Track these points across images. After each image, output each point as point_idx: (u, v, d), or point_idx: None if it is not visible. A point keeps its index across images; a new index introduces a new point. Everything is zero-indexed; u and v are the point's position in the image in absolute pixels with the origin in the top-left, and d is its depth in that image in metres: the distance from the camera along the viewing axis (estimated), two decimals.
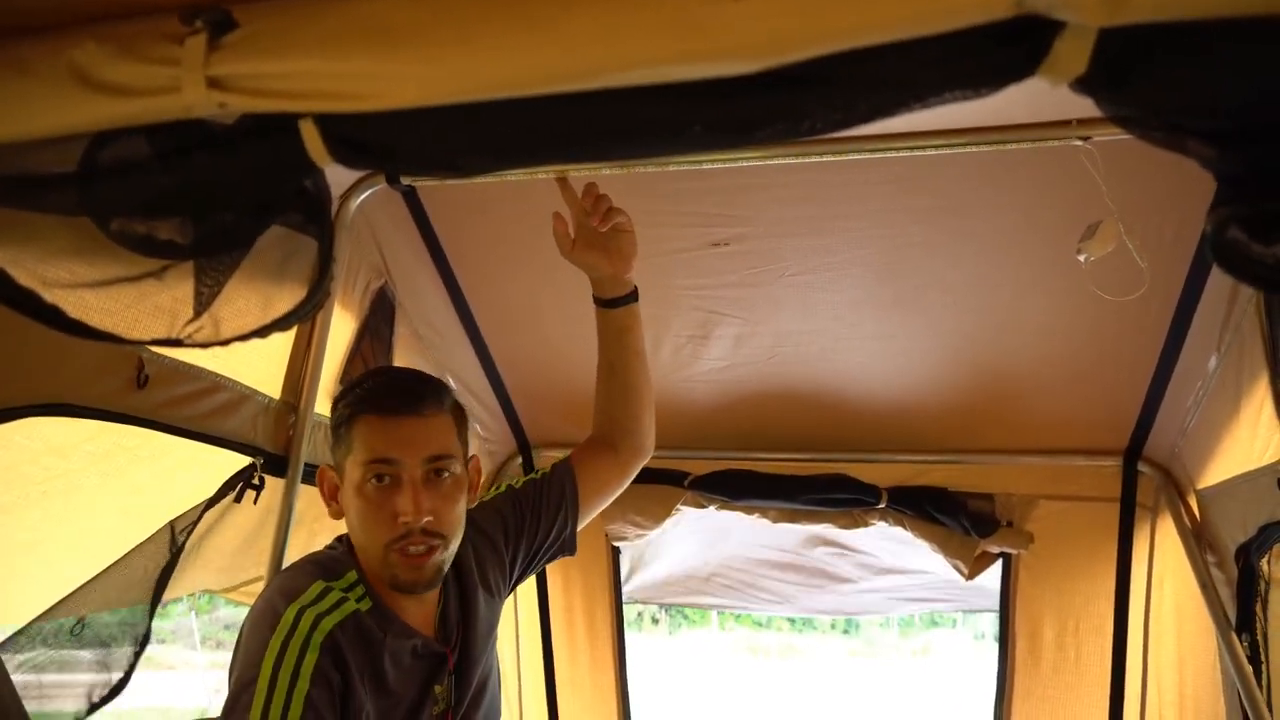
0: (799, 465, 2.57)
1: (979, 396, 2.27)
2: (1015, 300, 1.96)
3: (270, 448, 1.66)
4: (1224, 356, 1.81)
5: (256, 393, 1.63)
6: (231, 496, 1.57)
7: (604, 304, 1.56)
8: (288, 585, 1.27)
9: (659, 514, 2.63)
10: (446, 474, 1.29)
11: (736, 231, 1.88)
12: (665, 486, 2.64)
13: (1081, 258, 1.53)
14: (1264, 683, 1.83)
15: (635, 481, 2.74)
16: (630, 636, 2.95)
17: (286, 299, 0.73)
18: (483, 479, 1.55)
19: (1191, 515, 2.18)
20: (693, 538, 2.93)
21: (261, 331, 0.72)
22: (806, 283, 1.98)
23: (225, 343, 0.73)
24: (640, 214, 1.88)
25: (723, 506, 2.61)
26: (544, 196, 1.90)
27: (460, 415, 1.36)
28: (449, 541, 1.30)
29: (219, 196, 0.68)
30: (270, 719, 1.12)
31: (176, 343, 0.77)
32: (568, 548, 1.57)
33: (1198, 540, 2.10)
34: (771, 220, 1.84)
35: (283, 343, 1.72)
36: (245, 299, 0.74)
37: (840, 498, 2.50)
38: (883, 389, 2.30)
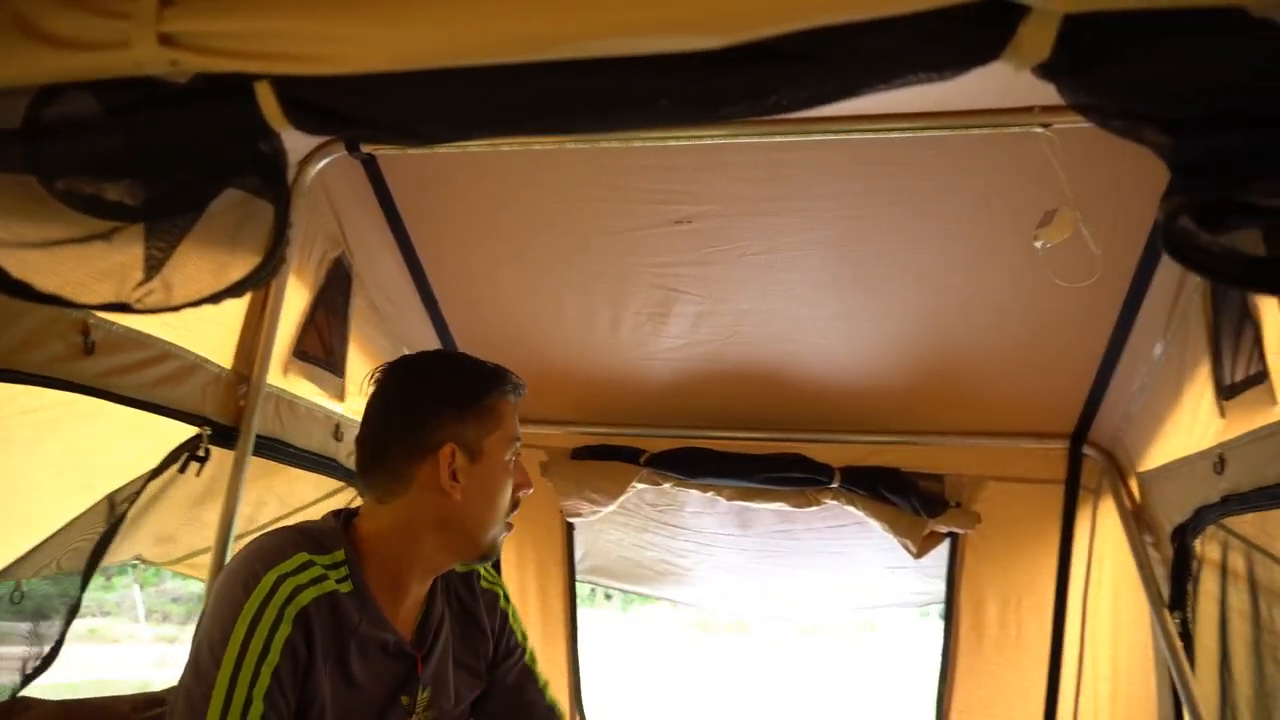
0: (755, 444, 2.59)
1: (933, 379, 2.31)
2: (971, 284, 1.99)
3: (219, 418, 1.62)
4: (1169, 344, 1.87)
5: (207, 362, 1.59)
6: (176, 467, 1.54)
7: None
8: (270, 550, 1.24)
9: (614, 491, 2.64)
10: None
11: (698, 210, 1.88)
12: (621, 464, 2.65)
13: (1038, 244, 1.56)
14: (1193, 658, 1.91)
15: (592, 458, 2.76)
16: (582, 612, 2.96)
17: (241, 265, 0.72)
18: None
19: (1132, 497, 2.25)
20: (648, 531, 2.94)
21: (215, 298, 0.71)
22: (767, 262, 1.99)
23: (177, 308, 0.71)
24: (603, 190, 1.88)
25: (678, 484, 2.63)
26: (506, 169, 1.88)
27: None
28: None
29: (170, 158, 0.66)
30: (237, 690, 1.11)
31: (126, 307, 0.74)
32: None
33: (1137, 521, 2.17)
34: (733, 199, 1.84)
35: (235, 311, 1.68)
36: (198, 264, 0.72)
37: (794, 477, 2.53)
38: (839, 370, 2.32)
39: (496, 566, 1.63)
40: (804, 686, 10.37)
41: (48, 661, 1.47)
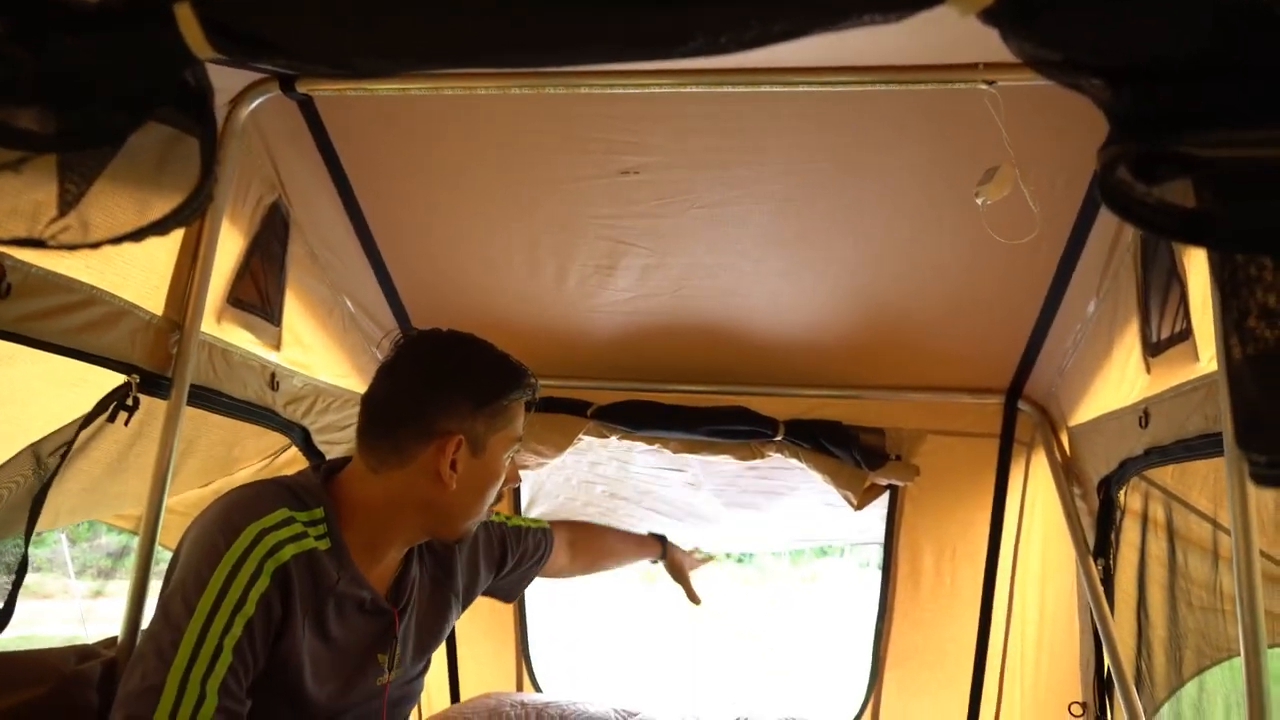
0: (700, 397, 2.61)
1: (875, 334, 2.34)
2: (913, 241, 2.01)
3: (149, 366, 1.56)
4: (1102, 302, 1.92)
5: (136, 308, 1.53)
6: (105, 416, 1.49)
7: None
8: (250, 503, 1.22)
9: (561, 443, 2.64)
10: None
11: (645, 160, 1.85)
12: (568, 416, 2.65)
13: (979, 200, 1.58)
14: (1113, 602, 2.00)
15: (538, 410, 2.74)
16: None
17: (164, 203, 0.68)
18: None
19: (1063, 450, 2.32)
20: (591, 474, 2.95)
21: (137, 235, 0.67)
22: (714, 216, 1.98)
23: (95, 245, 0.68)
24: (548, 138, 1.84)
25: (624, 436, 2.64)
26: (449, 116, 1.83)
27: None
28: None
29: (84, 87, 0.62)
30: (208, 638, 1.10)
31: (39, 243, 0.71)
32: (511, 597, 1.84)
33: (1066, 473, 2.25)
34: (680, 151, 1.82)
35: (165, 256, 1.61)
36: (118, 200, 0.68)
37: (739, 429, 2.56)
38: (784, 324, 2.34)
39: None
40: (747, 635, 10.64)
41: (3, 621, 1.42)
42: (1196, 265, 1.51)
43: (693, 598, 2.17)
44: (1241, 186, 0.48)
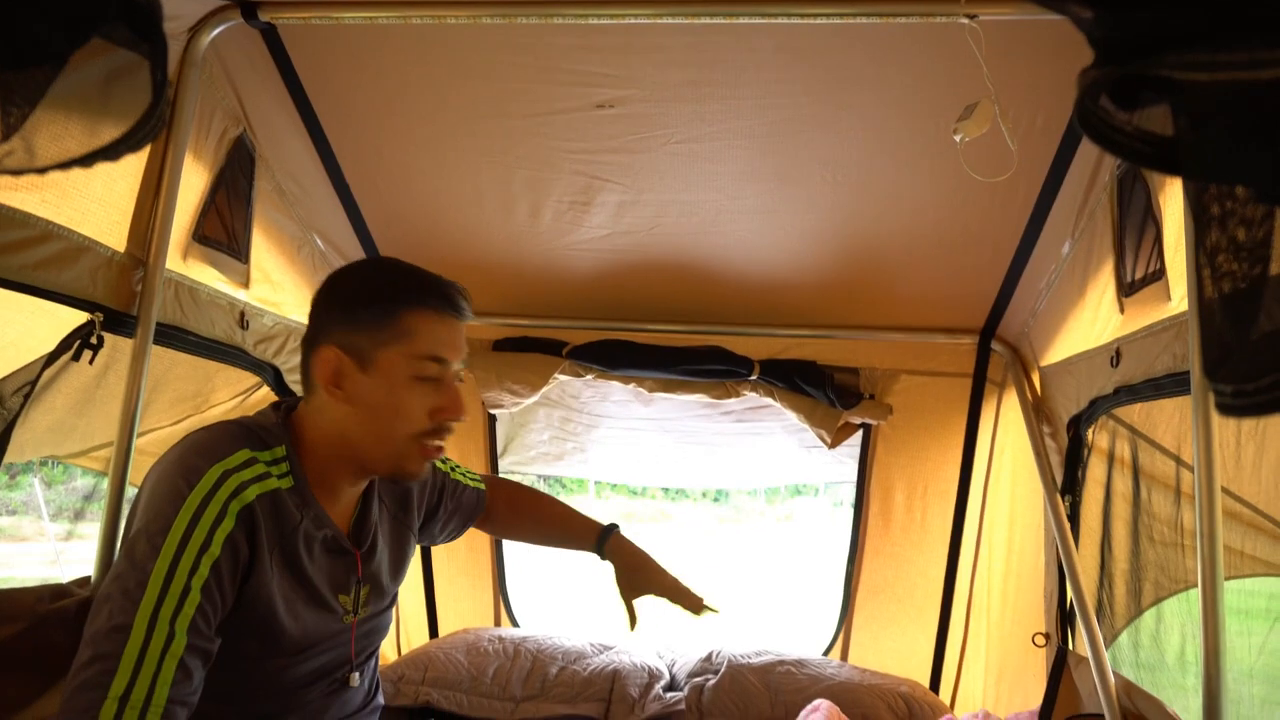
0: (676, 337, 2.61)
1: (851, 274, 2.34)
2: (891, 180, 1.99)
3: (113, 304, 1.53)
4: (1076, 243, 1.92)
5: (97, 244, 1.49)
6: (69, 355, 1.46)
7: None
8: (211, 444, 1.21)
9: (536, 383, 2.63)
10: (458, 378, 1.35)
11: (622, 94, 1.81)
12: (543, 355, 2.64)
13: (957, 137, 1.56)
14: (1078, 537, 2.04)
15: (514, 350, 2.74)
16: None
17: (114, 128, 0.65)
18: None
19: (1034, 390, 2.35)
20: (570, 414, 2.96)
21: (85, 160, 0.64)
22: (690, 151, 1.95)
23: (42, 171, 0.65)
24: (522, 70, 1.79)
25: (600, 376, 2.64)
26: (418, 47, 1.77)
27: None
28: None
29: (19, 1, 0.58)
30: (175, 579, 1.09)
31: None
32: (429, 541, 1.71)
33: (1036, 413, 2.28)
34: (657, 84, 1.78)
35: (125, 190, 1.57)
36: (64, 124, 0.65)
37: (714, 369, 2.56)
38: (760, 263, 2.33)
39: None
40: (725, 570, 10.86)
41: None
42: (1172, 206, 1.51)
43: (631, 619, 1.70)
44: (1218, 112, 0.47)
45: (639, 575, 1.68)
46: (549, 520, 1.79)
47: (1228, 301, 0.59)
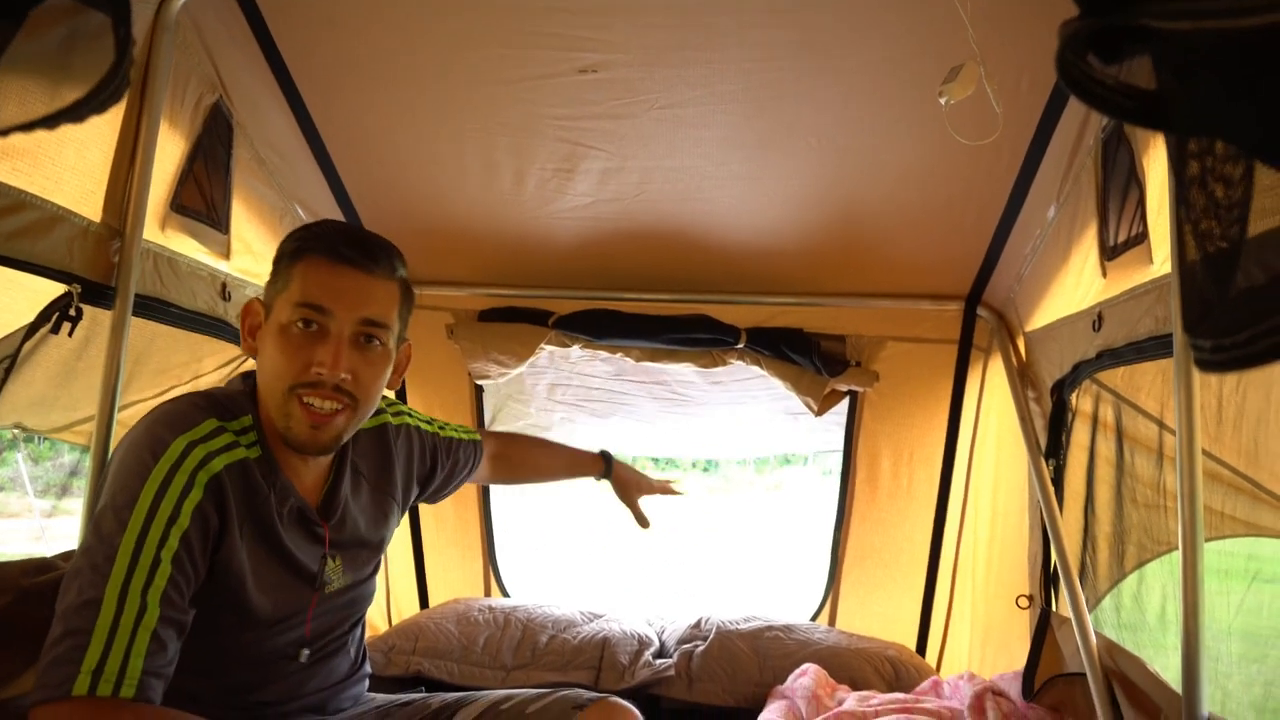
0: (662, 305, 2.60)
1: (837, 240, 2.33)
2: (877, 145, 1.98)
3: (91, 275, 1.51)
4: (1061, 207, 1.92)
5: (71, 214, 1.46)
6: (48, 327, 1.43)
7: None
8: (177, 416, 1.20)
9: (522, 353, 2.62)
10: (376, 342, 1.27)
11: (605, 58, 1.79)
12: (529, 326, 2.63)
13: (942, 100, 1.55)
14: (1062, 501, 2.06)
15: (500, 320, 2.72)
16: None
17: (77, 87, 0.64)
18: None
19: (1019, 355, 2.36)
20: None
21: (48, 121, 0.62)
22: (675, 117, 1.93)
23: (4, 133, 0.63)
24: (504, 34, 1.76)
25: (586, 346, 2.63)
26: (397, 11, 1.74)
27: (408, 293, 1.35)
28: (358, 408, 1.28)
29: None
30: (144, 551, 1.08)
31: None
32: (435, 501, 1.75)
33: (1021, 378, 2.29)
34: (641, 48, 1.76)
35: (100, 159, 1.54)
36: (24, 85, 0.63)
37: (701, 337, 2.56)
38: (745, 231, 2.32)
39: None
40: (715, 537, 10.95)
41: None
42: (1155, 168, 1.51)
43: (641, 520, 2.05)
44: (1200, 63, 0.46)
45: (636, 485, 2.07)
46: (549, 458, 2.03)
47: (1208, 259, 0.58)
